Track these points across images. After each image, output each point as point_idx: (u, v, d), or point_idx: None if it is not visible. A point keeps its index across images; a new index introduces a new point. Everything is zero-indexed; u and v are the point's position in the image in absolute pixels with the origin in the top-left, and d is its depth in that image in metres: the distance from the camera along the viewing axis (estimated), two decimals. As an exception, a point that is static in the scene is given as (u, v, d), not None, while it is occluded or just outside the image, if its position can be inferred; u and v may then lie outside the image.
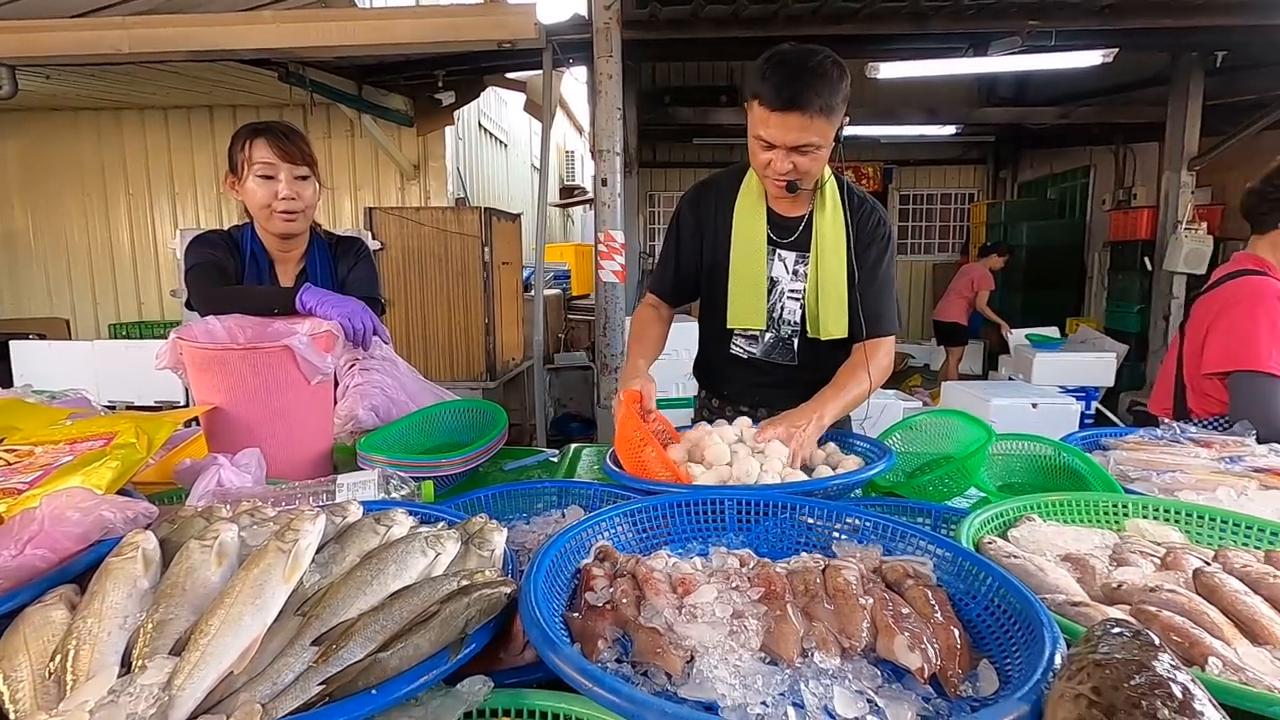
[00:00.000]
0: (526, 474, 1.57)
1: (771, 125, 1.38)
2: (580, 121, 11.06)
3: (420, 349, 4.74)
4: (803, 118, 1.35)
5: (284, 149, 1.62)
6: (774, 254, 1.61)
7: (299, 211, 1.67)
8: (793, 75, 1.35)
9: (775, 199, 1.60)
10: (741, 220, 1.60)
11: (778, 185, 1.49)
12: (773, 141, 1.41)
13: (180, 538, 0.80)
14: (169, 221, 6.49)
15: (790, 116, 1.36)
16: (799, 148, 1.40)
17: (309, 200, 1.69)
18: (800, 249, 1.60)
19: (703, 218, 1.65)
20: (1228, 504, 1.10)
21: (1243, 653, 0.68)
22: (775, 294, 1.63)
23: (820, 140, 1.40)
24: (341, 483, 1.10)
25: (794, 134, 1.38)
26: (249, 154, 1.62)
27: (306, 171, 1.67)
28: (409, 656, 0.64)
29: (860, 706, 0.61)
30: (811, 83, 1.34)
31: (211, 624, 0.63)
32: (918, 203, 10.36)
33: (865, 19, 4.52)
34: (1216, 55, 5.72)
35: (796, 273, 1.61)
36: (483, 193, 7.36)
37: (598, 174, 3.94)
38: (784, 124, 1.37)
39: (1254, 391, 1.61)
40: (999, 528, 0.98)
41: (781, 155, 1.42)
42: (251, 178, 1.63)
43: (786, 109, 1.35)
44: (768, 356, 1.68)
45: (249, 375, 1.27)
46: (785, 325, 1.65)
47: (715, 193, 1.65)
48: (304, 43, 4.07)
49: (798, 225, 1.60)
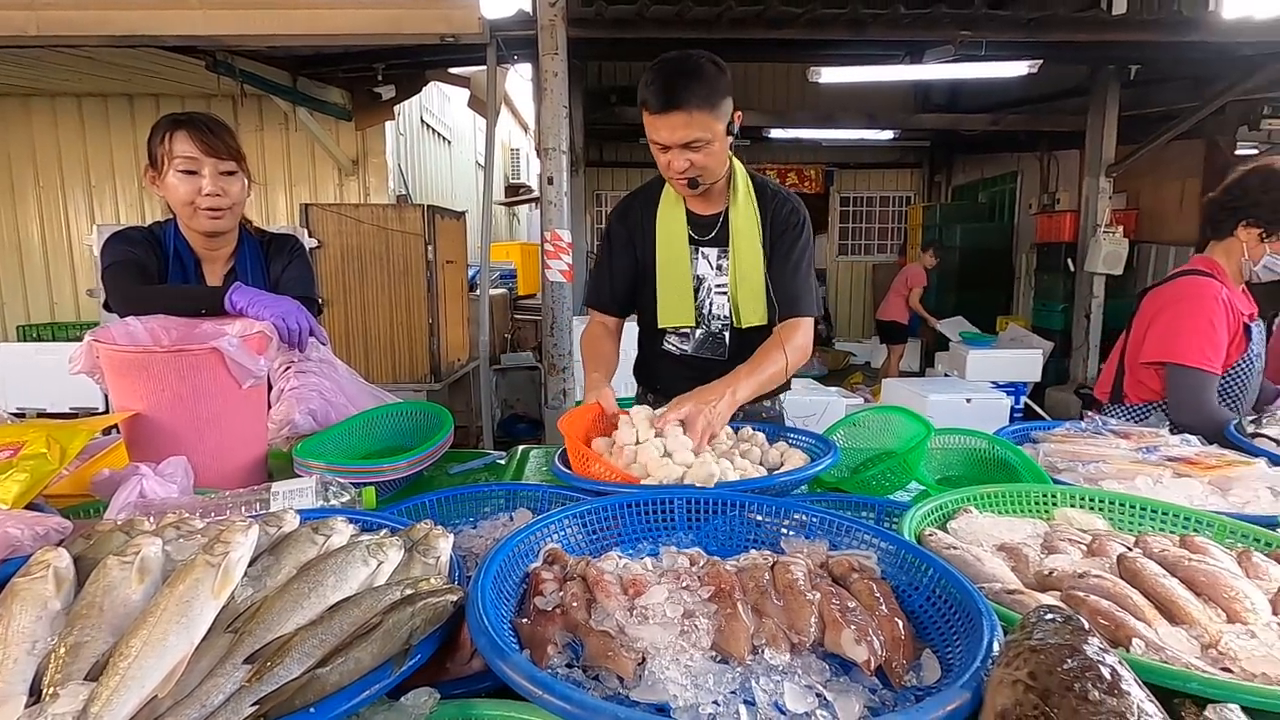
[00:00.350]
0: (473, 477, 1.53)
1: (659, 127, 1.49)
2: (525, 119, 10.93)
3: (361, 350, 4.60)
4: (685, 115, 1.45)
5: (208, 142, 1.54)
6: (697, 253, 1.70)
7: (225, 209, 1.59)
8: (670, 78, 1.45)
9: (690, 200, 1.68)
10: (664, 224, 1.69)
11: (680, 184, 1.58)
12: (664, 143, 1.51)
13: (97, 554, 0.75)
14: (84, 216, 6.10)
15: (673, 116, 1.45)
16: (689, 144, 1.49)
17: (236, 197, 1.61)
18: (721, 245, 1.69)
19: (630, 227, 1.74)
20: (1145, 492, 1.16)
21: (1162, 633, 0.72)
22: (703, 291, 1.71)
23: (708, 135, 1.49)
24: (276, 491, 1.05)
25: (680, 132, 1.47)
26: (169, 147, 1.53)
27: (233, 166, 1.59)
28: (350, 671, 0.61)
29: (810, 701, 0.61)
30: (688, 83, 1.44)
31: (132, 645, 0.59)
32: (858, 205, 10.66)
33: (807, 24, 4.61)
34: (1131, 69, 6.09)
35: (720, 268, 1.70)
36: (425, 190, 7.19)
37: (543, 172, 3.90)
38: (669, 124, 1.47)
39: (1185, 385, 1.73)
40: (939, 520, 1.01)
41: (677, 154, 1.51)
42: (172, 173, 1.54)
43: (668, 110, 1.45)
44: (699, 352, 1.75)
45: (174, 380, 1.20)
46: (715, 320, 1.72)
47: (640, 203, 1.74)
48: (233, 31, 3.90)
49: (715, 222, 1.69)
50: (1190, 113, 5.65)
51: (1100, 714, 0.49)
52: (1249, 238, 1.77)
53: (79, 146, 6.00)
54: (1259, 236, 1.76)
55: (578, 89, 5.87)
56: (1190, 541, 0.91)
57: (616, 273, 1.76)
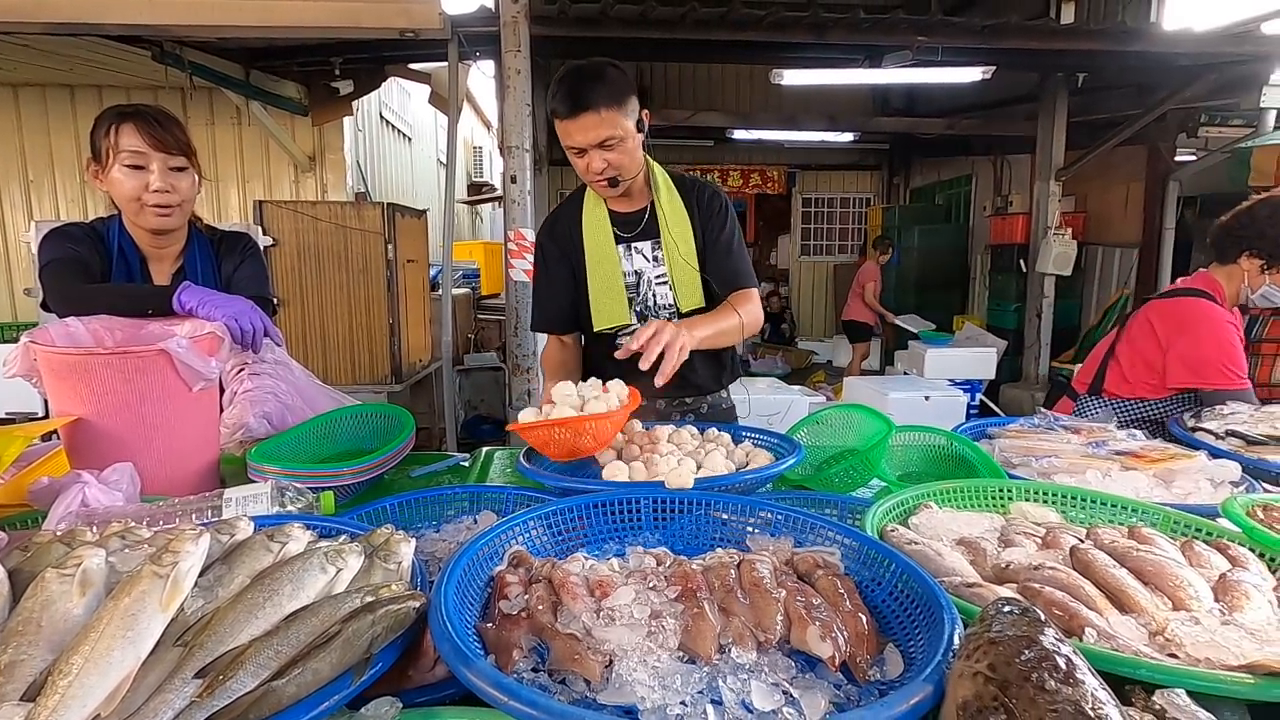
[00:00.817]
0: (435, 480, 1.51)
1: (572, 131, 1.53)
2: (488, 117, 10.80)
3: (319, 352, 4.49)
4: (595, 115, 1.50)
5: (156, 136, 1.48)
6: (629, 250, 1.73)
7: (173, 206, 1.53)
8: (576, 83, 1.50)
9: (612, 201, 1.71)
10: (589, 228, 1.72)
11: (601, 185, 1.61)
12: (579, 145, 1.54)
13: (35, 567, 0.71)
14: (21, 212, 5.81)
15: (585, 118, 1.50)
16: (603, 144, 1.53)
17: (185, 194, 1.55)
18: (653, 237, 1.73)
19: (560, 240, 1.76)
20: (1095, 485, 1.21)
21: (1113, 621, 0.74)
22: (644, 285, 1.74)
23: (619, 132, 1.53)
24: (229, 497, 1.01)
25: (591, 132, 1.51)
26: (115, 140, 1.47)
27: (183, 162, 1.53)
28: (308, 682, 0.60)
29: (776, 699, 0.62)
30: (593, 85, 1.49)
31: (73, 662, 0.56)
32: (819, 206, 10.82)
33: (769, 26, 4.66)
34: (1079, 77, 6.32)
35: (657, 259, 1.73)
36: (385, 187, 7.05)
37: (507, 170, 3.86)
38: (581, 126, 1.51)
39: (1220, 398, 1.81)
40: (900, 516, 1.02)
41: (594, 155, 1.55)
42: (118, 167, 1.48)
43: (578, 112, 1.50)
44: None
45: (118, 383, 1.15)
46: (662, 311, 1.75)
47: (565, 215, 1.77)
48: (181, 21, 3.75)
49: (641, 217, 1.72)
50: (1134, 120, 5.88)
51: (1057, 703, 0.51)
52: (1251, 267, 1.86)
53: (14, 138, 5.71)
54: (1260, 267, 1.85)
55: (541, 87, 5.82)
56: (1138, 532, 0.94)
57: (557, 289, 1.78)
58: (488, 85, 7.63)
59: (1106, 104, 6.44)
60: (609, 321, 1.72)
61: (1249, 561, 0.87)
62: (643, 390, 1.44)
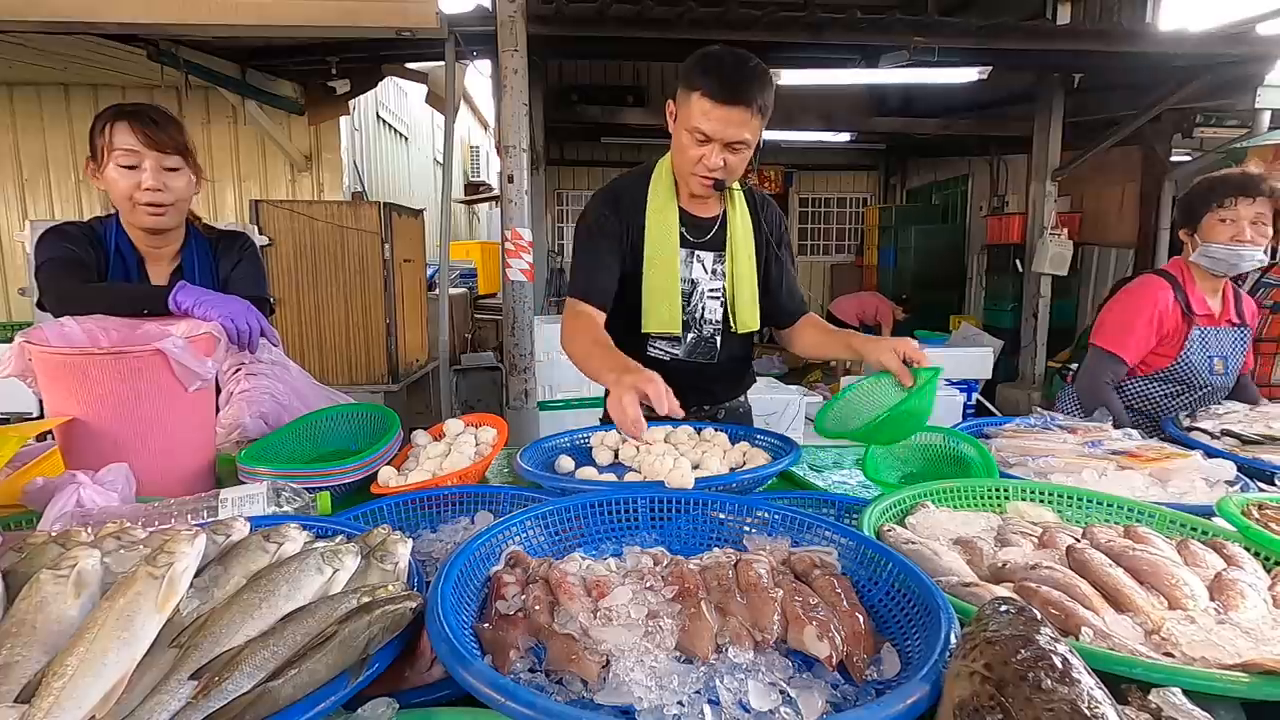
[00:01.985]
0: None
1: (713, 118, 1.39)
2: (485, 116, 10.80)
3: (315, 352, 4.47)
4: (745, 112, 1.39)
5: (150, 135, 1.47)
6: (692, 256, 1.62)
7: (166, 205, 1.52)
8: (737, 71, 1.38)
9: (689, 200, 1.60)
10: (654, 224, 1.58)
11: (704, 183, 1.49)
12: (711, 135, 1.42)
13: (29, 568, 0.71)
14: (16, 211, 5.79)
15: (735, 110, 1.38)
16: (733, 144, 1.43)
17: (179, 193, 1.54)
18: (717, 249, 1.63)
19: (624, 218, 1.60)
20: (1092, 484, 1.21)
21: (1109, 620, 0.74)
22: (696, 295, 1.63)
23: (752, 138, 1.44)
24: (225, 498, 1.01)
25: (734, 128, 1.40)
26: (109, 139, 1.46)
27: (178, 162, 1.52)
28: (304, 684, 0.59)
29: (774, 698, 0.62)
30: (755, 80, 1.39)
31: (68, 664, 0.56)
32: (816, 206, 10.83)
33: (766, 26, 4.66)
34: (1075, 77, 6.33)
35: (715, 272, 1.64)
36: (382, 187, 7.03)
37: (504, 170, 3.85)
38: (727, 117, 1.39)
39: (1093, 358, 1.96)
40: (897, 516, 1.03)
41: (716, 150, 1.43)
42: (112, 165, 1.47)
43: (733, 102, 1.37)
44: (690, 357, 1.67)
45: (114, 383, 1.15)
46: (707, 325, 1.66)
47: (628, 195, 1.62)
48: (176, 19, 3.73)
49: (712, 225, 1.63)
50: (1129, 120, 5.89)
51: (1053, 702, 0.51)
52: (1188, 240, 1.92)
53: (8, 137, 5.69)
54: (1189, 234, 1.92)
55: (538, 87, 5.81)
56: (1134, 532, 0.95)
57: (608, 264, 1.59)
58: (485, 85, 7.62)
59: (1102, 104, 6.45)
60: (659, 328, 1.60)
61: (1244, 560, 0.88)
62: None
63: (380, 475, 1.27)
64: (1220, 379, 1.92)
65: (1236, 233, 1.81)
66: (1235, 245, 1.81)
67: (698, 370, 1.68)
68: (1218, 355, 1.90)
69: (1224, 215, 1.82)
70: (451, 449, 1.37)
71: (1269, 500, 1.05)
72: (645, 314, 1.60)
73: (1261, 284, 2.39)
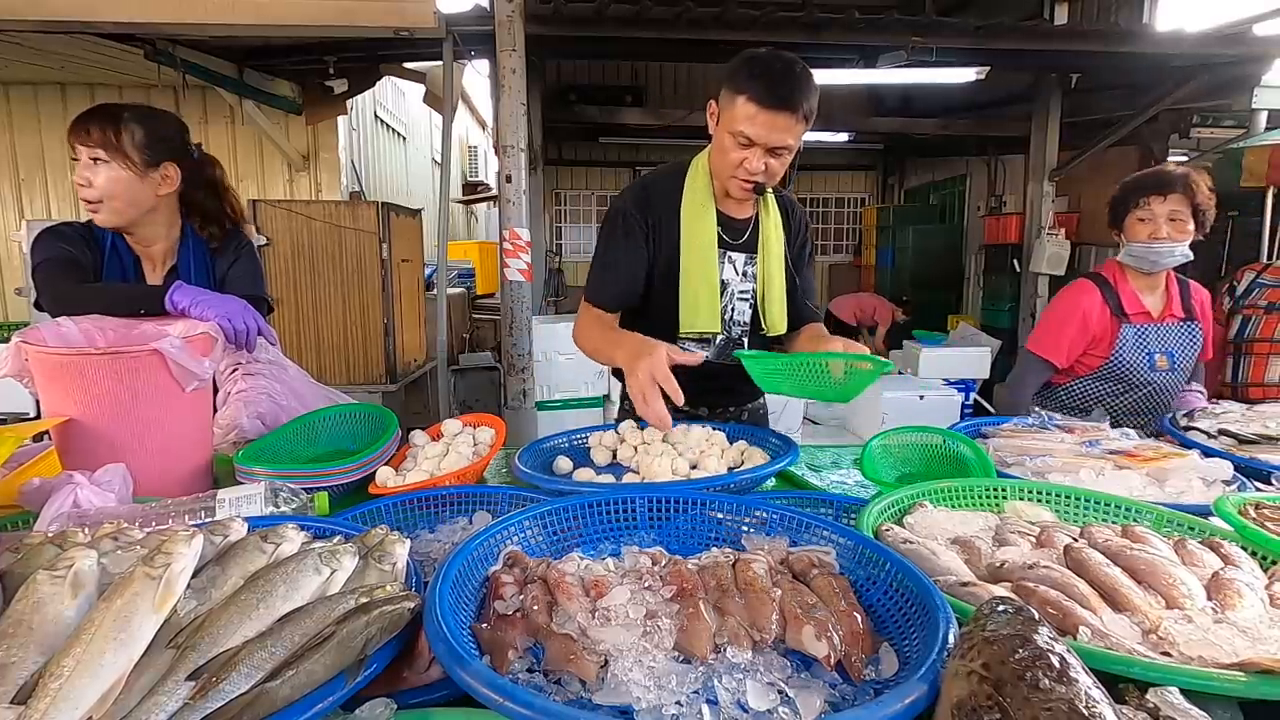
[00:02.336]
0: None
1: (758, 123, 1.38)
2: (483, 116, 10.78)
3: (313, 351, 4.47)
4: (792, 118, 1.38)
5: (81, 127, 1.45)
6: (725, 256, 1.61)
7: (93, 201, 1.48)
8: (786, 76, 1.37)
9: (726, 200, 1.58)
10: (691, 223, 1.56)
11: (744, 187, 1.48)
12: (755, 139, 1.40)
13: (26, 568, 0.70)
14: (13, 211, 5.77)
15: (781, 116, 1.37)
16: (775, 149, 1.42)
17: (102, 189, 1.47)
18: (749, 250, 1.63)
19: (652, 220, 1.58)
20: (1089, 484, 1.21)
21: (1107, 620, 0.75)
22: (727, 296, 1.63)
23: (794, 144, 1.43)
24: (223, 498, 1.01)
25: (779, 134, 1.39)
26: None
27: (100, 153, 1.46)
28: (301, 684, 0.59)
29: (772, 698, 0.62)
30: (802, 86, 1.38)
31: (65, 665, 0.56)
32: (814, 206, 10.84)
33: (764, 27, 4.66)
34: (1072, 77, 6.34)
35: (745, 274, 1.64)
36: (380, 187, 7.02)
37: (502, 170, 3.85)
38: (773, 122, 1.38)
39: (1020, 360, 2.06)
40: (895, 515, 1.03)
41: (758, 155, 1.42)
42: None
43: (779, 108, 1.36)
44: (719, 359, 1.64)
45: (111, 383, 1.14)
46: (736, 326, 1.66)
47: (659, 192, 1.59)
48: (173, 19, 3.72)
49: (746, 227, 1.62)
50: (1127, 120, 5.90)
51: (1051, 702, 0.51)
52: (1119, 239, 1.97)
53: (6, 137, 5.67)
54: (1118, 234, 1.96)
55: (536, 86, 5.81)
56: (1131, 531, 0.95)
57: (631, 268, 1.57)
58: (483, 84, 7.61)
59: (1100, 105, 6.47)
60: (698, 328, 1.57)
61: (1241, 560, 0.88)
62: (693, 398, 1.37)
63: (378, 475, 1.27)
64: (1164, 375, 1.92)
65: (1153, 230, 1.85)
66: (1152, 243, 1.85)
67: (725, 371, 1.63)
68: (1159, 351, 1.91)
69: (1141, 215, 1.87)
70: (450, 449, 1.37)
71: (1266, 500, 1.05)
72: (684, 314, 1.57)
73: (1257, 284, 2.39)
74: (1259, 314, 2.33)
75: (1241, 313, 2.35)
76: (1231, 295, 2.41)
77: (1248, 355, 2.32)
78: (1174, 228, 1.84)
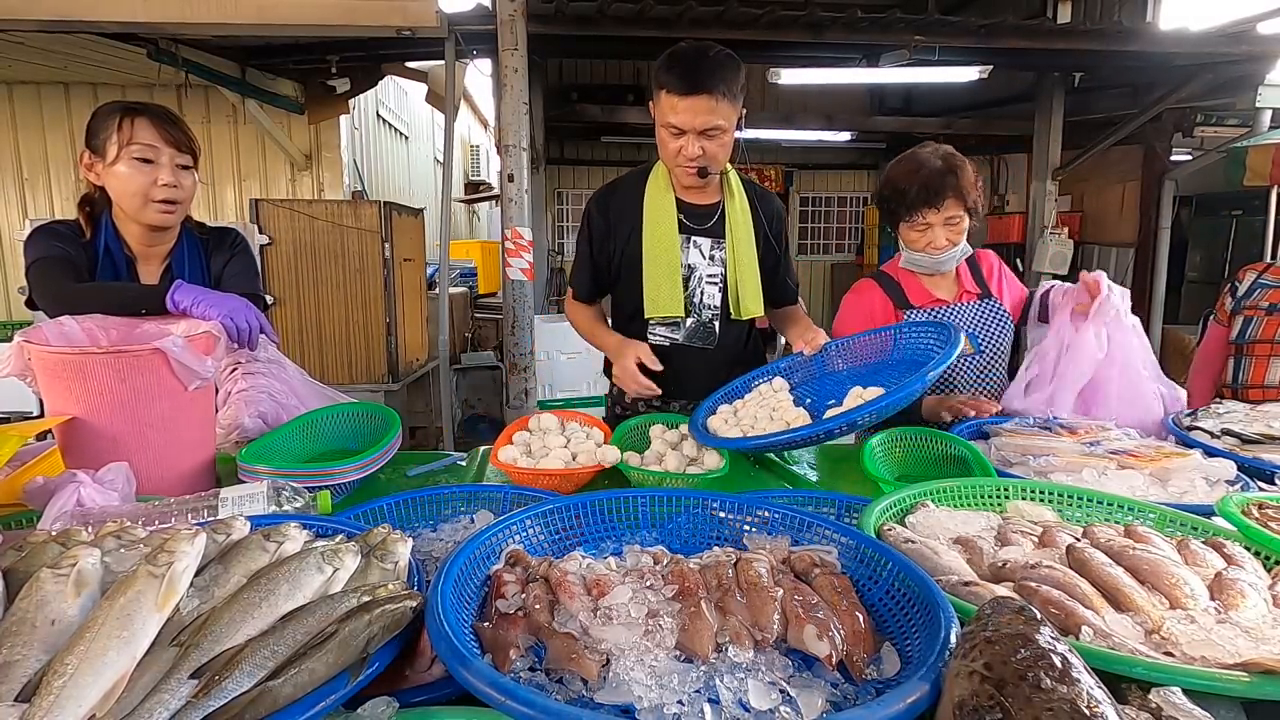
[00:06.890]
0: (432, 479, 1.50)
1: (680, 110, 1.47)
2: (485, 115, 10.78)
3: (315, 351, 4.47)
4: (709, 100, 1.46)
5: (169, 133, 1.49)
6: (689, 242, 1.69)
7: (178, 203, 1.54)
8: (696, 62, 1.46)
9: (685, 189, 1.67)
10: (652, 212, 1.66)
11: (689, 172, 1.57)
12: (682, 126, 1.49)
13: (29, 566, 0.71)
14: (16, 210, 5.79)
15: (698, 100, 1.46)
16: (706, 131, 1.50)
17: (190, 192, 1.56)
18: (715, 235, 1.70)
19: (612, 219, 1.71)
20: (1092, 484, 1.21)
21: (1109, 620, 0.74)
22: (694, 280, 1.71)
23: (725, 123, 1.50)
24: (225, 497, 1.01)
25: (702, 117, 1.48)
26: (130, 133, 1.46)
27: (189, 161, 1.54)
28: (304, 683, 0.59)
29: (773, 698, 0.62)
30: (714, 69, 1.46)
31: (68, 663, 0.56)
32: (816, 205, 10.82)
33: (766, 26, 4.66)
34: (1075, 76, 6.32)
35: (713, 258, 1.70)
36: (382, 186, 7.03)
37: (504, 169, 3.85)
38: (692, 107, 1.47)
39: None
40: (897, 515, 1.03)
41: (691, 140, 1.51)
42: (126, 161, 1.47)
43: (693, 92, 1.45)
44: (690, 342, 1.74)
45: (114, 382, 1.15)
46: (706, 310, 1.73)
47: (622, 191, 1.72)
48: (176, 18, 3.73)
49: (712, 213, 1.69)
50: (1130, 119, 5.89)
51: (1052, 702, 0.51)
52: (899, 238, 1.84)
53: (8, 136, 5.68)
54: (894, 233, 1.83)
55: (538, 85, 5.81)
56: (1134, 531, 0.94)
57: (598, 263, 1.76)
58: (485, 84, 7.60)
59: (1102, 104, 6.45)
60: (661, 312, 1.68)
61: (1244, 560, 0.88)
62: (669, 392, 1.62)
63: (502, 454, 1.31)
64: (970, 356, 1.81)
65: (930, 241, 1.72)
66: (931, 252, 1.73)
67: (699, 355, 1.73)
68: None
69: (916, 227, 1.74)
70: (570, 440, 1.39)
71: (1269, 499, 1.05)
72: (647, 299, 1.67)
73: (1259, 285, 2.38)
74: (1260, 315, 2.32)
75: (1243, 313, 2.34)
76: (1233, 295, 2.39)
77: (1248, 357, 2.30)
78: (951, 231, 1.72)
